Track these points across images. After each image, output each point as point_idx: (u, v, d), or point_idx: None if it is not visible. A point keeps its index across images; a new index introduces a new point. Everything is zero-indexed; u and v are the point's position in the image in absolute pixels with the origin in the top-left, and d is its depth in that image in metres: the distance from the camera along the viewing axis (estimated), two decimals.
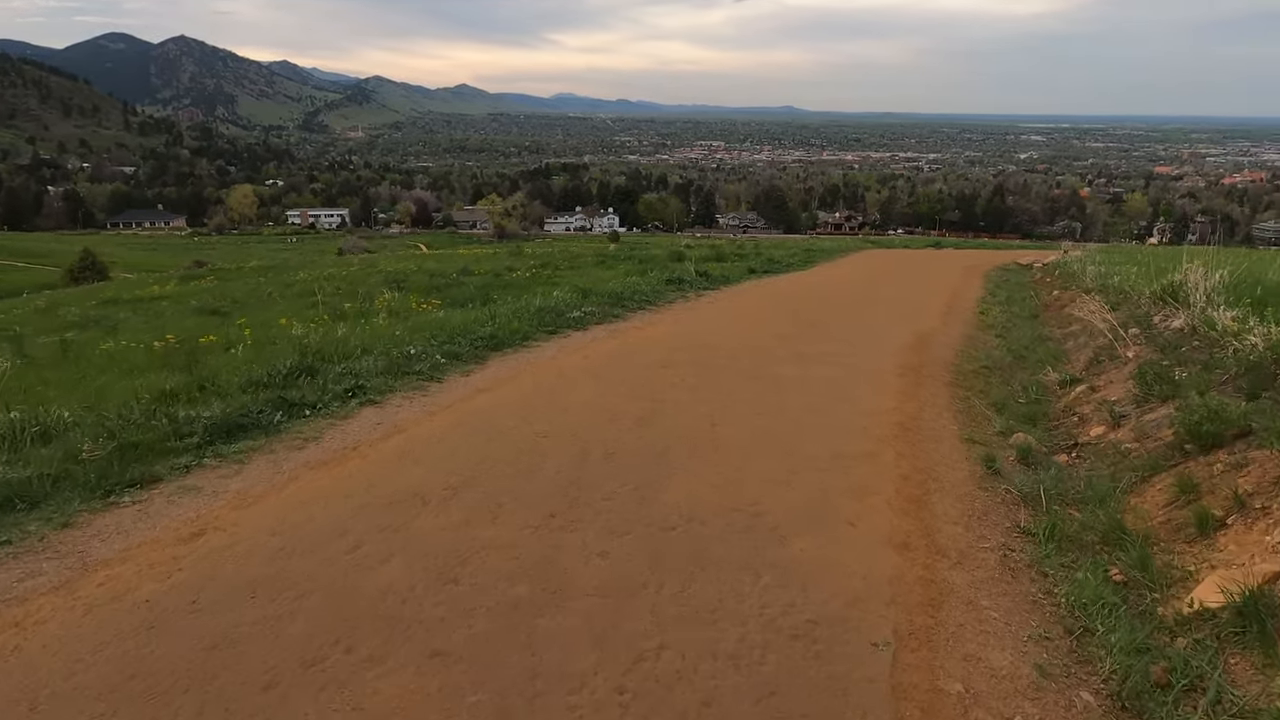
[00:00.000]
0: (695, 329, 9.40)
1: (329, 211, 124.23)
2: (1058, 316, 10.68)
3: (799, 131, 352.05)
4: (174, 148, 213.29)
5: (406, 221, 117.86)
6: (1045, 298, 13.10)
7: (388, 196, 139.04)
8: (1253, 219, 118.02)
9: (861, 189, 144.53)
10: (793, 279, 15.88)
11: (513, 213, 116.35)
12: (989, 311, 11.32)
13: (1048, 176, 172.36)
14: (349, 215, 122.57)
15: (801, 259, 20.05)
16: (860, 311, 11.47)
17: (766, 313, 11.04)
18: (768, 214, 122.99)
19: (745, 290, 13.48)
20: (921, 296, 13.26)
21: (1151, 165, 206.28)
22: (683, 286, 12.61)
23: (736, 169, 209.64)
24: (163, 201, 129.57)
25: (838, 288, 14.74)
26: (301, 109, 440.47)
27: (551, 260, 18.30)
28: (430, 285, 13.18)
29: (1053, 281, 14.95)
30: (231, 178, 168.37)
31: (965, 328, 10.04)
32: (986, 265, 20.19)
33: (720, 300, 12.07)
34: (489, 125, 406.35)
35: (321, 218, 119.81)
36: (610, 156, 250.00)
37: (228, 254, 51.96)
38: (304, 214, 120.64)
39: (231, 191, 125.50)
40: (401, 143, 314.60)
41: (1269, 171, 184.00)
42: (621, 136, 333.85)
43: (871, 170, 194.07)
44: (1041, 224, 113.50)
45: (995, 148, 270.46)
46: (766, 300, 12.46)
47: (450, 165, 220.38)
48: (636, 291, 11.48)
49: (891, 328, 9.76)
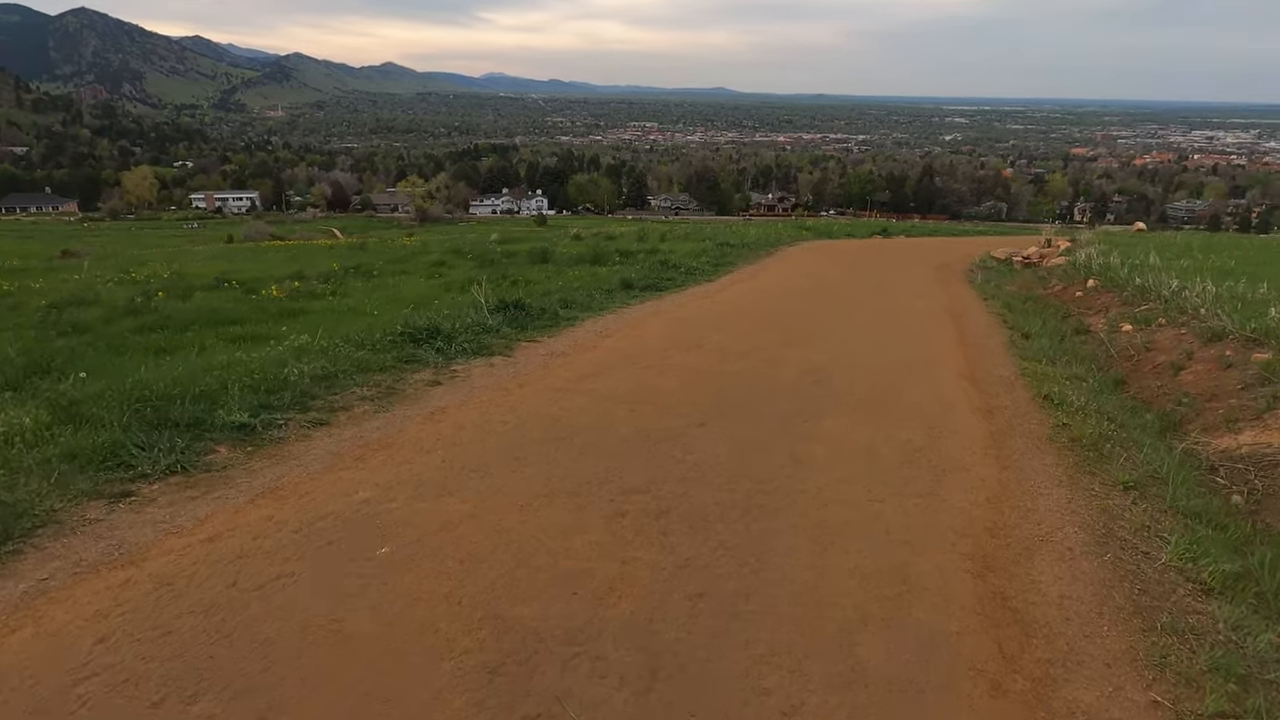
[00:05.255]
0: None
1: (238, 194, 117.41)
2: (1171, 388, 6.61)
3: (732, 113, 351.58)
4: (72, 127, 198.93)
5: (322, 205, 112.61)
6: (1111, 339, 8.33)
7: (305, 179, 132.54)
8: (1165, 198, 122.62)
9: (794, 170, 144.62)
10: (663, 322, 9.21)
11: (436, 195, 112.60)
12: (1081, 428, 5.63)
13: (972, 158, 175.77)
14: (259, 198, 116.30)
15: (711, 259, 15.15)
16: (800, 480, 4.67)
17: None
18: (700, 195, 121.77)
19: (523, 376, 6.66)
20: (922, 400, 6.26)
21: (1068, 147, 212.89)
22: (422, 354, 6.85)
23: (670, 150, 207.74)
24: (53, 184, 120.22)
25: (736, 351, 7.69)
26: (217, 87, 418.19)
27: (370, 266, 14.71)
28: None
29: (1087, 298, 10.64)
30: (136, 159, 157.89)
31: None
32: (957, 263, 16.98)
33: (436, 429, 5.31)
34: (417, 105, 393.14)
35: (230, 201, 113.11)
36: (542, 137, 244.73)
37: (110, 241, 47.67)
38: (209, 197, 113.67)
39: (130, 173, 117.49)
40: (325, 123, 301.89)
41: (1175, 153, 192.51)
42: (554, 117, 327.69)
43: (803, 151, 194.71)
44: (969, 204, 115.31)
45: (922, 129, 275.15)
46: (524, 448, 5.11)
47: (375, 146, 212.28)
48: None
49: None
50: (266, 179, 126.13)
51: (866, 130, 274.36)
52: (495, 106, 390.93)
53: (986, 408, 6.04)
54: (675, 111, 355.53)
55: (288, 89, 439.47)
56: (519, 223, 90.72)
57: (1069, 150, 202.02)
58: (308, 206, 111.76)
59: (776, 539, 3.74)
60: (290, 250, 24.40)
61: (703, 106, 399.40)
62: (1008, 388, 6.68)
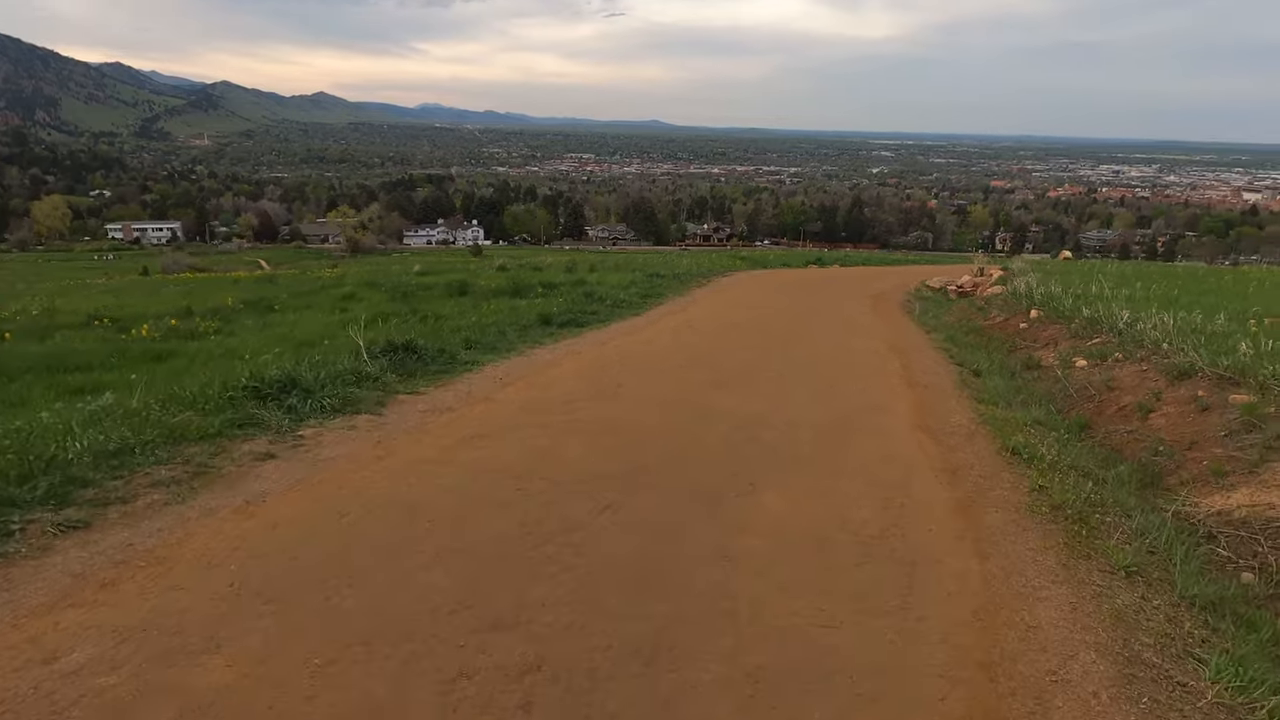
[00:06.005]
0: None
1: (158, 225, 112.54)
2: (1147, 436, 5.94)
3: (667, 145, 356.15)
4: None
5: (248, 235, 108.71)
6: (1067, 376, 7.67)
7: (232, 209, 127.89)
8: (1078, 228, 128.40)
9: (728, 201, 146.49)
10: (578, 364, 8.26)
11: (369, 225, 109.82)
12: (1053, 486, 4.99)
13: (899, 190, 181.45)
14: (181, 229, 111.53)
15: (640, 291, 14.34)
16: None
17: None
18: (637, 225, 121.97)
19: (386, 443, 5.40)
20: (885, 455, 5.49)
21: (988, 179, 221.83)
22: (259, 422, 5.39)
23: (607, 181, 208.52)
24: None
25: (647, 421, 6.21)
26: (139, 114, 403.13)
27: (272, 300, 13.65)
28: None
29: (1032, 329, 10.10)
30: (49, 188, 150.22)
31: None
32: (894, 293, 16.70)
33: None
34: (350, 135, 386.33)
35: (149, 232, 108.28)
36: (478, 168, 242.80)
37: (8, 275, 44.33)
38: (127, 228, 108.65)
39: (40, 203, 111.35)
40: (253, 152, 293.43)
41: (1086, 185, 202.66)
42: (490, 148, 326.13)
43: (737, 183, 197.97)
44: (897, 234, 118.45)
45: (850, 162, 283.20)
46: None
47: (307, 176, 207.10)
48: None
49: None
50: (189, 209, 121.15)
51: (798, 163, 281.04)
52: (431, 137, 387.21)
53: (948, 467, 5.19)
54: (612, 143, 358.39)
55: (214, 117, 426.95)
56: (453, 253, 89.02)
57: (989, 182, 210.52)
58: (233, 237, 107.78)
59: (692, 705, 2.71)
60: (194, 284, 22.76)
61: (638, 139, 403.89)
62: (967, 438, 5.90)
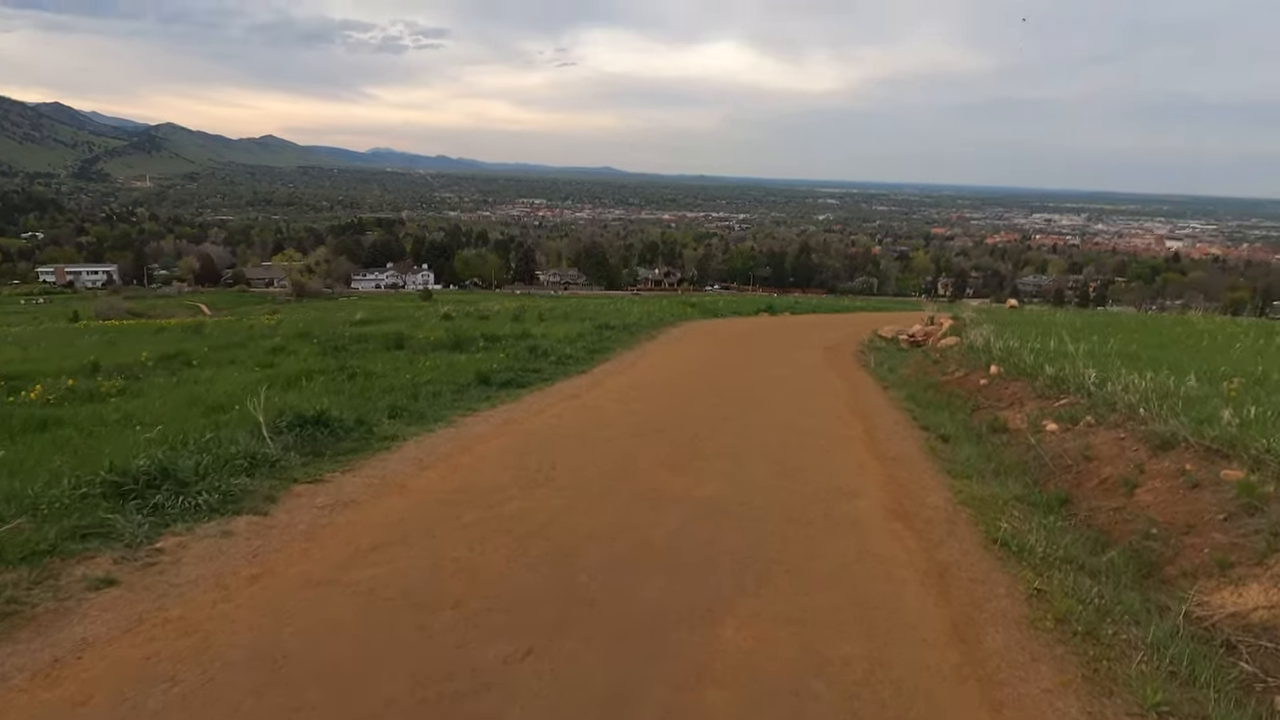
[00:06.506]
0: None
1: (93, 268, 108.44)
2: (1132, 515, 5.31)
3: (618, 191, 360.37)
4: None
5: (189, 279, 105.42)
6: (1039, 442, 7.03)
7: (173, 251, 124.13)
8: (1015, 274, 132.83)
9: (679, 246, 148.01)
10: (510, 440, 7.21)
11: (315, 269, 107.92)
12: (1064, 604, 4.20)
13: (844, 236, 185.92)
14: (118, 272, 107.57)
15: (588, 345, 13.59)
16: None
17: None
18: (589, 270, 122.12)
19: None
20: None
21: (929, 227, 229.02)
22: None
23: (559, 226, 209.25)
24: None
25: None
26: (78, 155, 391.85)
27: (193, 353, 12.37)
28: None
29: (993, 387, 9.62)
30: None
31: None
32: (847, 343, 16.31)
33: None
34: (298, 178, 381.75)
35: (83, 275, 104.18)
36: (429, 212, 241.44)
37: None
38: (60, 270, 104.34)
39: None
40: (197, 194, 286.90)
41: (1020, 233, 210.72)
42: (442, 193, 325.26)
43: (688, 229, 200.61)
44: (843, 279, 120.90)
45: (797, 209, 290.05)
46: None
47: (253, 219, 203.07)
48: None
49: None
50: (127, 251, 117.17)
51: (747, 209, 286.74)
52: (381, 181, 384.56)
53: (934, 568, 4.58)
54: (564, 189, 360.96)
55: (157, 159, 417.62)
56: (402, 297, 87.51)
57: (929, 230, 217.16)
58: (174, 280, 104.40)
59: None
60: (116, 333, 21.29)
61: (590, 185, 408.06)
62: (948, 526, 5.33)
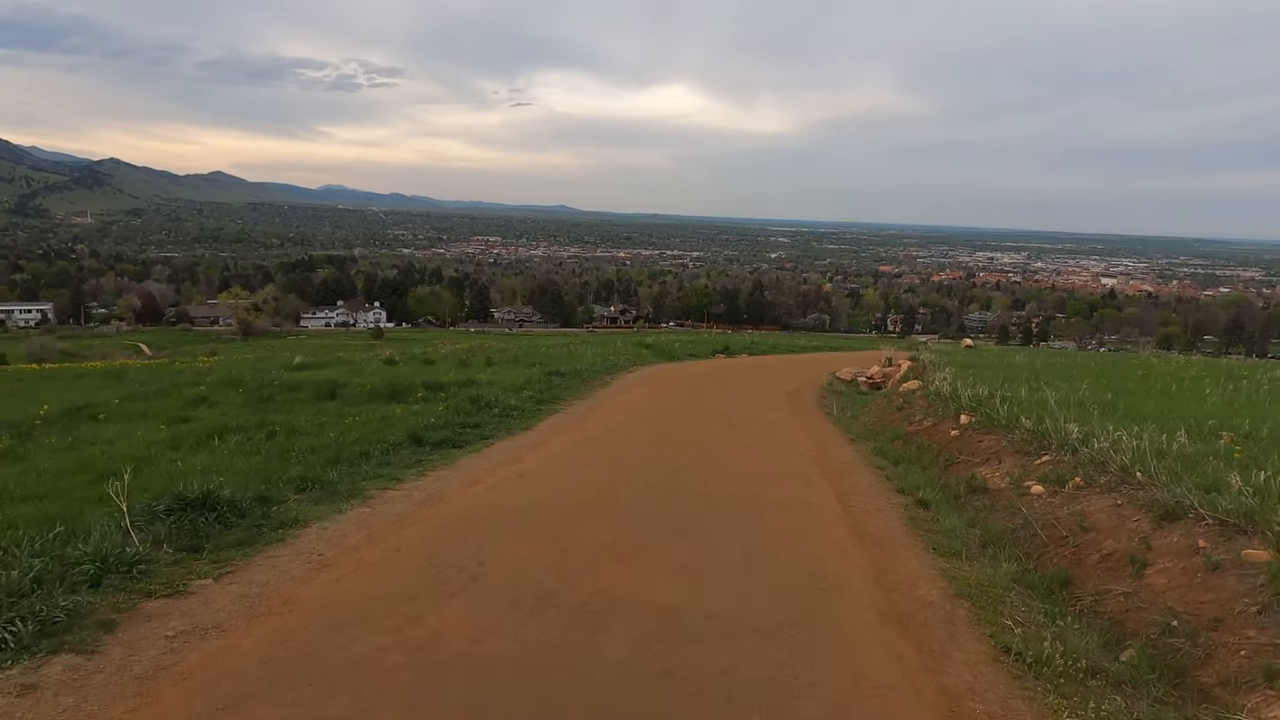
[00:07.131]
0: None
1: (26, 306, 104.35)
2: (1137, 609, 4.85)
3: (573, 229, 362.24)
4: None
5: (129, 317, 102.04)
6: (1026, 507, 6.65)
7: (113, 289, 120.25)
8: (961, 310, 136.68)
9: (634, 284, 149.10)
10: (434, 524, 6.21)
11: (263, 307, 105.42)
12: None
13: (796, 274, 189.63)
14: (54, 310, 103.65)
15: (535, 394, 13.01)
16: None
17: None
18: (544, 308, 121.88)
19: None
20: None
21: (877, 265, 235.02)
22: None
23: (513, 264, 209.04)
24: None
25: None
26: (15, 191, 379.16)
27: (102, 406, 12.05)
28: None
29: (965, 439, 9.27)
30: None
31: None
32: (807, 388, 16.11)
33: None
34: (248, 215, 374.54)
35: (15, 313, 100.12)
36: (382, 249, 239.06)
37: None
38: None
39: None
40: (141, 230, 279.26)
41: (965, 271, 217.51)
42: (395, 230, 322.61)
43: (642, 266, 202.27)
44: (796, 316, 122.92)
45: (749, 247, 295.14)
46: None
47: (199, 256, 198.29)
48: None
49: None
50: (64, 289, 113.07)
51: (700, 247, 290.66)
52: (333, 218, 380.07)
53: (944, 700, 3.83)
54: (518, 226, 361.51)
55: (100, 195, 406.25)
56: (352, 336, 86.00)
57: (878, 268, 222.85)
58: (112, 320, 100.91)
59: None
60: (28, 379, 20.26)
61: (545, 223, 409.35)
62: (948, 629, 4.68)
